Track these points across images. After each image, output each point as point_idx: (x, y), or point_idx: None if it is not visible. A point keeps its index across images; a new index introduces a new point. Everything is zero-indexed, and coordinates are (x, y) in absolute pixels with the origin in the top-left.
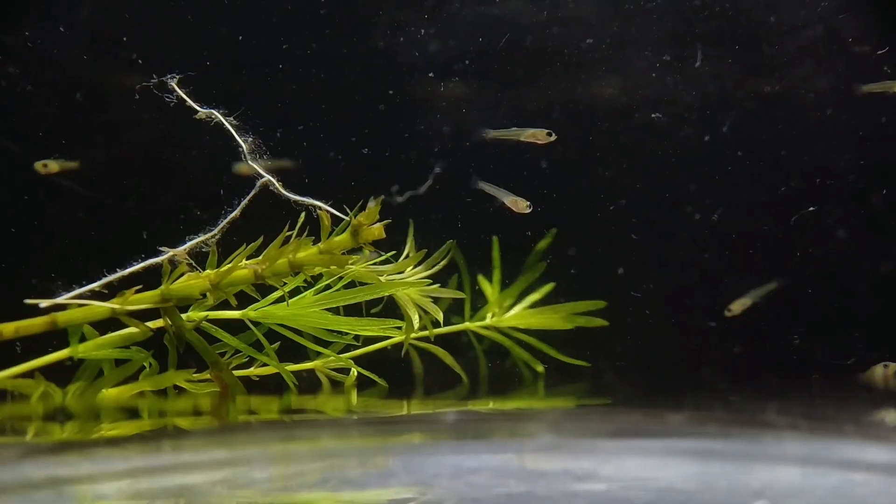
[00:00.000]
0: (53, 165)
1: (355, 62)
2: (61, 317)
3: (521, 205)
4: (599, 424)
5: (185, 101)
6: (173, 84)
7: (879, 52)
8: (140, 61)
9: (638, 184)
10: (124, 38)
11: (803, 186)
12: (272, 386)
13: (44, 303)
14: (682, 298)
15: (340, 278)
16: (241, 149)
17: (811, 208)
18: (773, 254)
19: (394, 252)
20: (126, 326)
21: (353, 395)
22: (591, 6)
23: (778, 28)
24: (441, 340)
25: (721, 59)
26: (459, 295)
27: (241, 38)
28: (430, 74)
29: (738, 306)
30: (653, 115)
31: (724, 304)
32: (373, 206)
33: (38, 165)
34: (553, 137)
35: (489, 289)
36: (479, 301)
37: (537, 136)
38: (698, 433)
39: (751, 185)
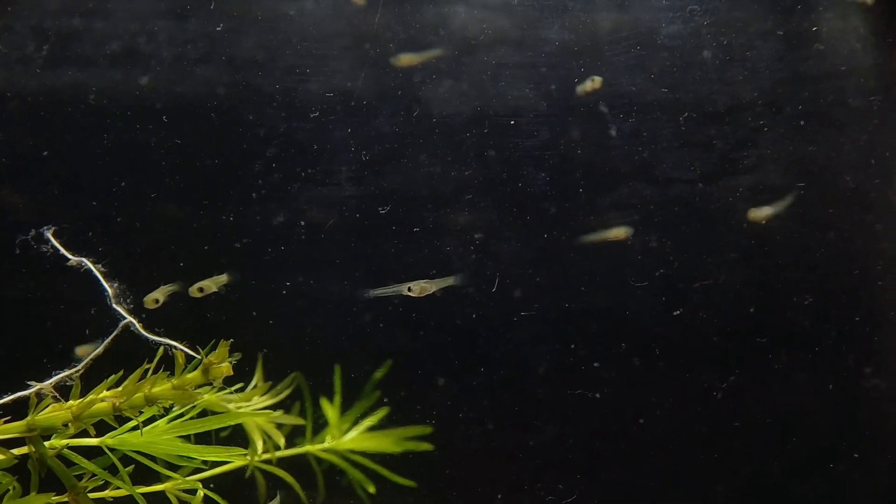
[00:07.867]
0: None
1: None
2: None
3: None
4: None
5: (59, 249)
6: (49, 235)
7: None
8: None
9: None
10: None
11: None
12: None
13: None
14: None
15: (193, 406)
16: (106, 293)
17: None
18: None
19: (241, 384)
20: None
21: None
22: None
23: None
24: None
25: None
26: (300, 421)
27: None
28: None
29: None
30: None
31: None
32: (222, 346)
33: None
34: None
35: (331, 412)
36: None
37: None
38: None
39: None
